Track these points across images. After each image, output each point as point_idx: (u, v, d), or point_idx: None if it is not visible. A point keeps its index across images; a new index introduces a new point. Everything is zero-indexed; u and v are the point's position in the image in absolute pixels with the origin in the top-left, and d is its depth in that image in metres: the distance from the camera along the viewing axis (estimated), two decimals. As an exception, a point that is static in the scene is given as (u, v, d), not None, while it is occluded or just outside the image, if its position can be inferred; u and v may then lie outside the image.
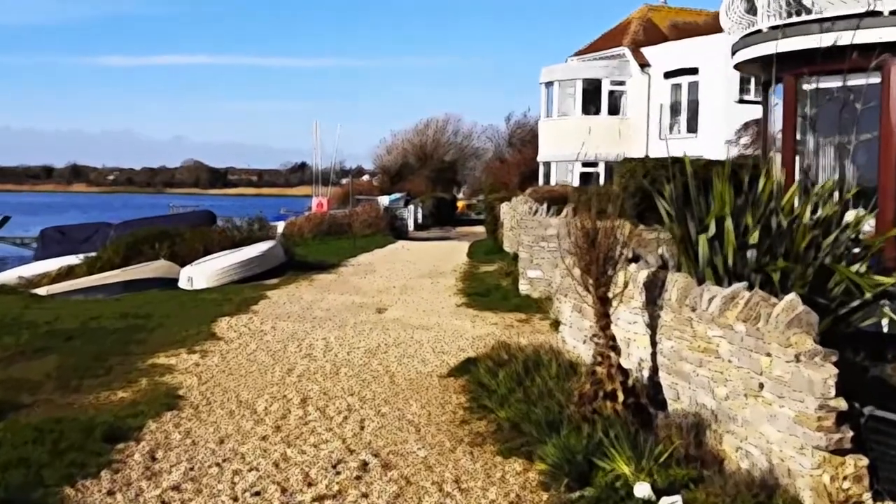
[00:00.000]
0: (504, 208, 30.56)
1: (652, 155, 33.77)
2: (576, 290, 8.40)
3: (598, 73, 34.86)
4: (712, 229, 7.66)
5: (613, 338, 7.27)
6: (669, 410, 7.24)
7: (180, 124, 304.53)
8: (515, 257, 19.00)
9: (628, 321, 8.17)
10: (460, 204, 71.73)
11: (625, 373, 7.16)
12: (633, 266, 8.25)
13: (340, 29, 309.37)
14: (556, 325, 10.42)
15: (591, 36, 40.62)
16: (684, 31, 35.65)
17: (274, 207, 55.46)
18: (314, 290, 20.04)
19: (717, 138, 28.99)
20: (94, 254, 23.59)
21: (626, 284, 7.63)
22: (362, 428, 8.57)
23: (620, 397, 6.98)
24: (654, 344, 7.64)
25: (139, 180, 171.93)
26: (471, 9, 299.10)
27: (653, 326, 7.64)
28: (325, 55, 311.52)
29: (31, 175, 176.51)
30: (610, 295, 7.35)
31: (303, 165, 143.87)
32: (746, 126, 22.05)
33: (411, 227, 45.91)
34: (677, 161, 17.01)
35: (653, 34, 35.72)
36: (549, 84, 36.22)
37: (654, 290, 7.67)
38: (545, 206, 17.61)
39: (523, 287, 17.82)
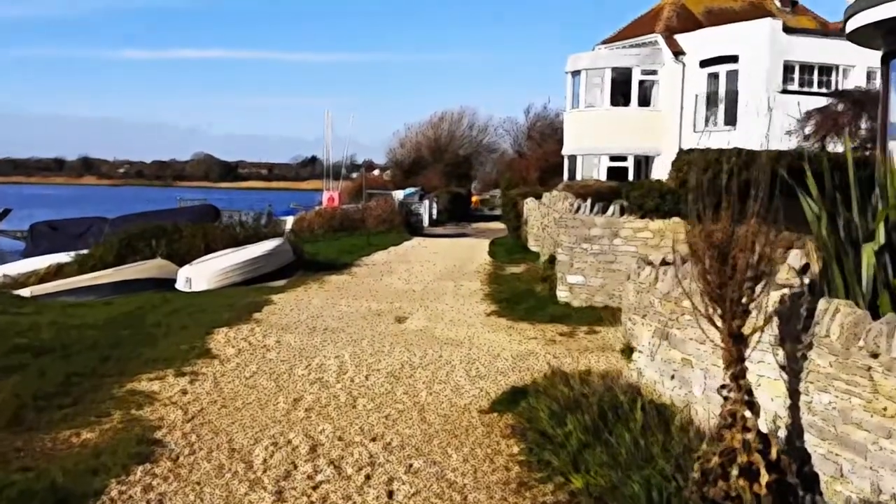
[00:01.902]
0: (529, 204, 28.52)
1: (687, 148, 31.69)
2: (688, 319, 6.29)
3: (629, 61, 32.71)
4: (880, 237, 5.57)
5: (750, 391, 5.18)
6: (824, 491, 5.17)
7: (192, 117, 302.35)
8: (551, 260, 16.93)
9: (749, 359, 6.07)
10: (474, 199, 69.81)
11: (766, 440, 5.08)
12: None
13: (355, 24, 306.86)
14: (628, 351, 8.39)
15: (615, 28, 38.42)
16: (720, 17, 33.50)
17: (284, 201, 53.72)
18: (325, 293, 18.01)
19: (757, 131, 26.77)
20: (86, 251, 21.67)
21: (768, 317, 5.52)
22: (390, 495, 6.49)
23: (763, 476, 4.91)
24: (793, 394, 5.56)
25: (149, 173, 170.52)
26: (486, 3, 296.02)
27: (793, 371, 5.55)
28: (339, 50, 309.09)
29: (42, 167, 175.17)
30: (745, 330, 5.25)
31: (313, 159, 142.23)
32: (808, 115, 19.98)
33: (426, 222, 43.89)
34: (743, 152, 15.00)
35: (687, 20, 33.53)
36: (575, 73, 34.08)
37: (793, 321, 5.59)
38: (589, 202, 15.51)
39: (562, 294, 15.74)
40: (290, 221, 34.98)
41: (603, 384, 8.01)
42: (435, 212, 47.78)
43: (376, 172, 74.46)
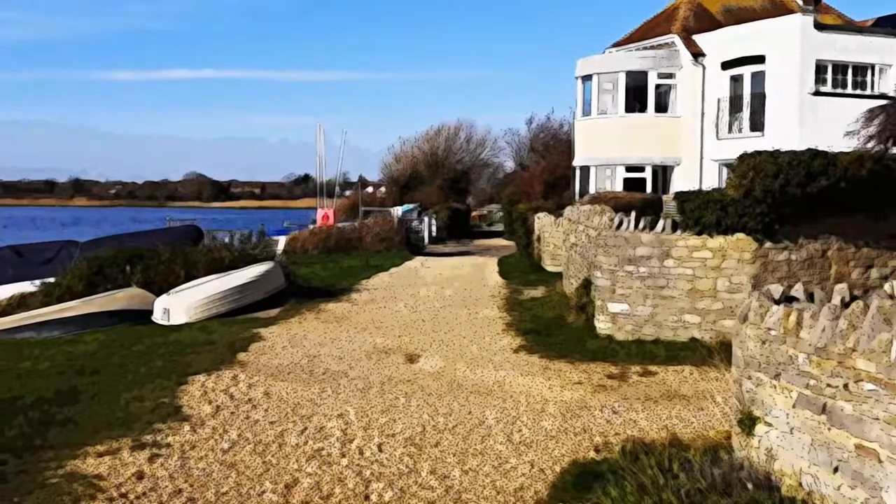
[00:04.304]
0: (543, 220, 26.25)
1: (710, 157, 29.41)
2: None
3: (644, 64, 30.37)
4: None
5: None
6: None
7: (184, 137, 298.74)
8: (586, 284, 14.57)
9: None
10: (473, 214, 67.66)
11: None
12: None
13: (348, 43, 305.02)
14: (747, 421, 6.04)
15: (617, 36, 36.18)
16: (739, 16, 31.26)
17: (278, 220, 51.47)
18: (322, 326, 15.62)
19: (789, 137, 24.52)
20: (52, 280, 19.21)
21: None
22: None
23: None
24: None
25: (141, 194, 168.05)
26: (481, 14, 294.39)
27: None
28: (330, 69, 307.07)
29: (33, 189, 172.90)
30: None
31: (306, 177, 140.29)
32: (871, 114, 17.75)
33: (426, 240, 41.51)
34: (819, 155, 12.72)
35: (704, 20, 31.24)
36: (586, 78, 31.71)
37: None
38: (633, 217, 13.18)
39: (602, 325, 13.38)
40: (282, 241, 32.51)
41: (721, 474, 5.64)
42: (434, 229, 45.44)
43: (370, 189, 72.25)
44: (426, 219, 44.31)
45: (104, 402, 9.96)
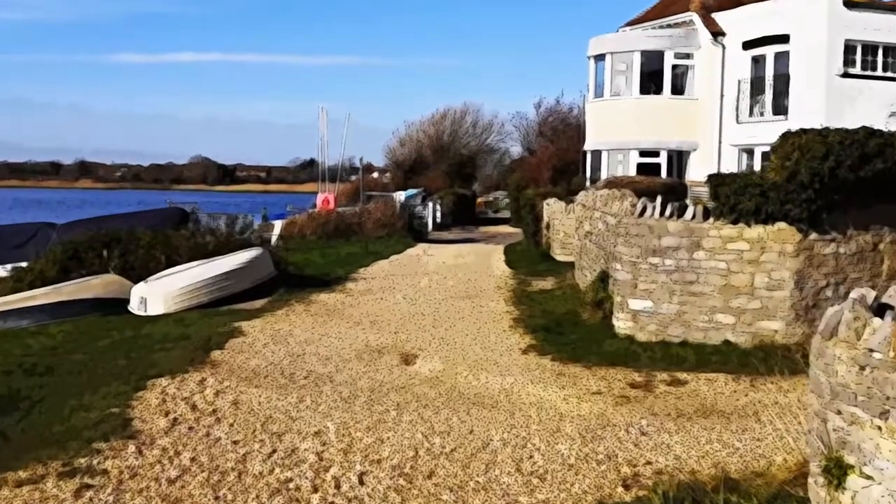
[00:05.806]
0: (552, 206, 24.77)
1: (729, 142, 27.89)
2: None
3: (660, 43, 28.84)
4: None
5: None
6: None
7: (190, 120, 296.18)
8: (603, 278, 13.10)
9: None
10: (479, 201, 66.17)
11: None
12: None
13: (355, 27, 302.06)
14: (836, 471, 4.60)
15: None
16: (762, -7, 29.65)
17: (282, 204, 50.31)
18: (311, 319, 14.19)
19: (814, 121, 22.91)
20: (24, 264, 17.82)
21: None
22: None
23: None
24: None
25: (147, 177, 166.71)
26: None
27: None
28: (338, 53, 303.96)
29: (39, 171, 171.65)
30: None
31: (311, 162, 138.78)
32: (919, 92, 16.29)
33: (430, 226, 40.07)
34: (875, 134, 11.21)
35: (724, -1, 29.70)
36: (599, 57, 30.19)
37: None
38: (658, 202, 11.68)
39: (622, 324, 11.90)
40: (278, 226, 31.10)
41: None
42: (439, 215, 44.02)
43: (375, 175, 70.78)
44: (430, 204, 42.91)
45: (46, 410, 8.53)
